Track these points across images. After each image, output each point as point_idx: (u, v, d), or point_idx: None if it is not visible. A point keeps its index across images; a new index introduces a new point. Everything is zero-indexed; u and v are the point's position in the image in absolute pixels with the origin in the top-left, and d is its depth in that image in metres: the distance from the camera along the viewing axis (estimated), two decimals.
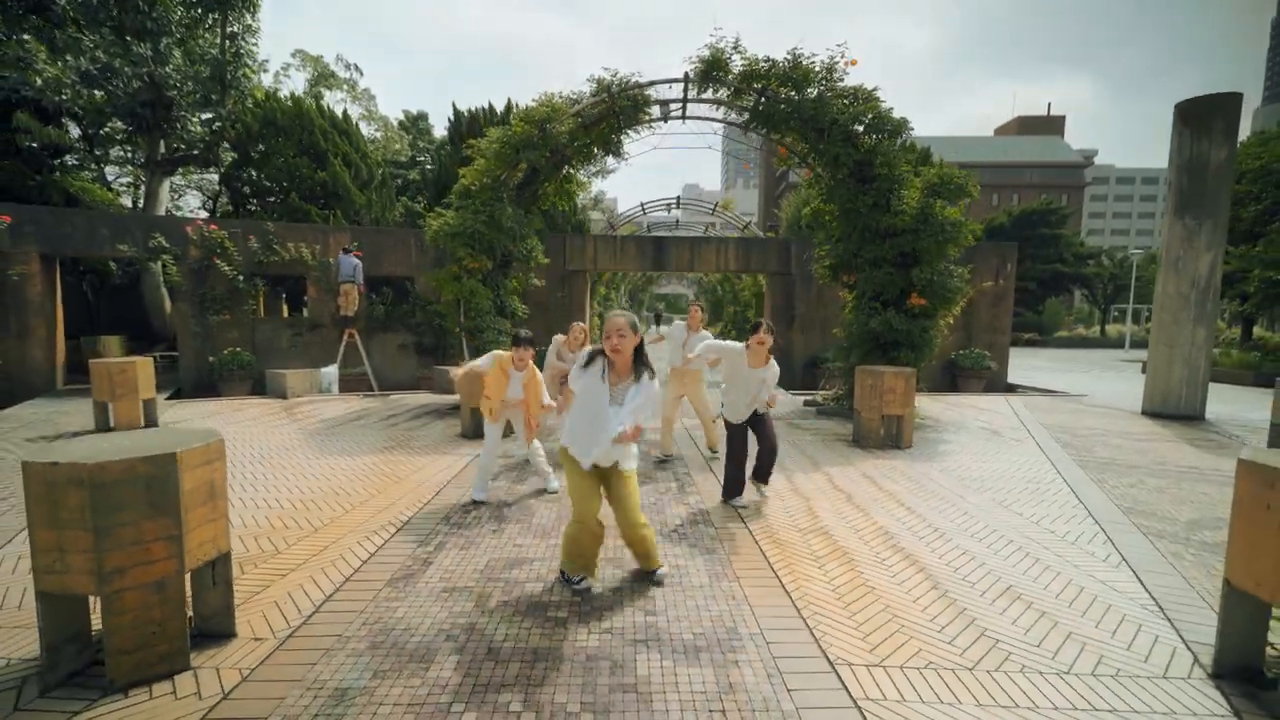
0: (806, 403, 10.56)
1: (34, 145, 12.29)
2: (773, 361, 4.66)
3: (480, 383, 5.23)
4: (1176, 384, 9.89)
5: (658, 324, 48.75)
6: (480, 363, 4.90)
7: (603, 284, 23.02)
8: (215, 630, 2.81)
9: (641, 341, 3.22)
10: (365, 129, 26.04)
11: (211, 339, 12.00)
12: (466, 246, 8.63)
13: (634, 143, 10.18)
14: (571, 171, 10.55)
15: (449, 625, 2.92)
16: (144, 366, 7.74)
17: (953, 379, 14.74)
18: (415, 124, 28.79)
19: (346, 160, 15.42)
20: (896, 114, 8.48)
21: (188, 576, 2.59)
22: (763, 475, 4.93)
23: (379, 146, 26.03)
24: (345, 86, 22.83)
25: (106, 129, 18.90)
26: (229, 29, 15.09)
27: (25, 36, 12.34)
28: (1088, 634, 2.99)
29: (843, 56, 8.39)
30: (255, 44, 15.53)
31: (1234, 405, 11.40)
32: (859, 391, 7.47)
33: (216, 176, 18.10)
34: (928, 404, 10.45)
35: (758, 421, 4.82)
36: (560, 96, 9.10)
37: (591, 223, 25.67)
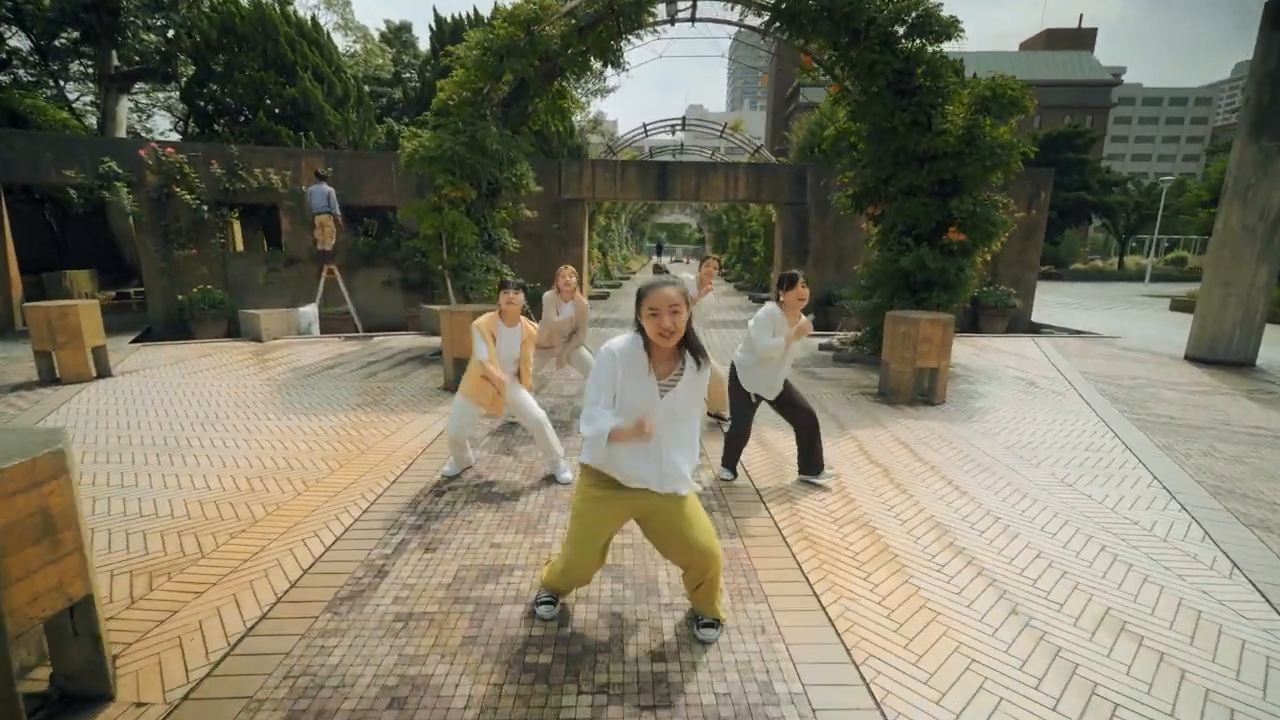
0: (822, 346, 9.73)
1: None
2: (804, 318, 3.85)
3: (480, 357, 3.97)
4: (1229, 327, 9.03)
5: (659, 254, 47.19)
6: (480, 351, 3.86)
7: (602, 214, 21.70)
8: (84, 692, 2.13)
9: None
10: (341, 40, 23.87)
11: (180, 275, 11.07)
12: (446, 173, 7.57)
13: (635, 50, 8.84)
14: (565, 86, 9.26)
15: (395, 679, 2.24)
16: (88, 310, 6.90)
17: (974, 318, 13.84)
18: (398, 36, 26.45)
19: (318, 74, 13.90)
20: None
21: (13, 643, 1.87)
22: (814, 462, 4.10)
23: (358, 61, 23.99)
24: None
25: (61, 40, 17.17)
26: None
27: None
28: (1232, 692, 2.30)
29: None
30: None
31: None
32: (889, 341, 6.64)
33: (179, 95, 16.54)
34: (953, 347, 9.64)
35: (790, 396, 4.04)
36: None
37: (590, 146, 23.97)
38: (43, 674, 2.16)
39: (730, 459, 4.21)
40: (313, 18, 14.81)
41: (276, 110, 13.56)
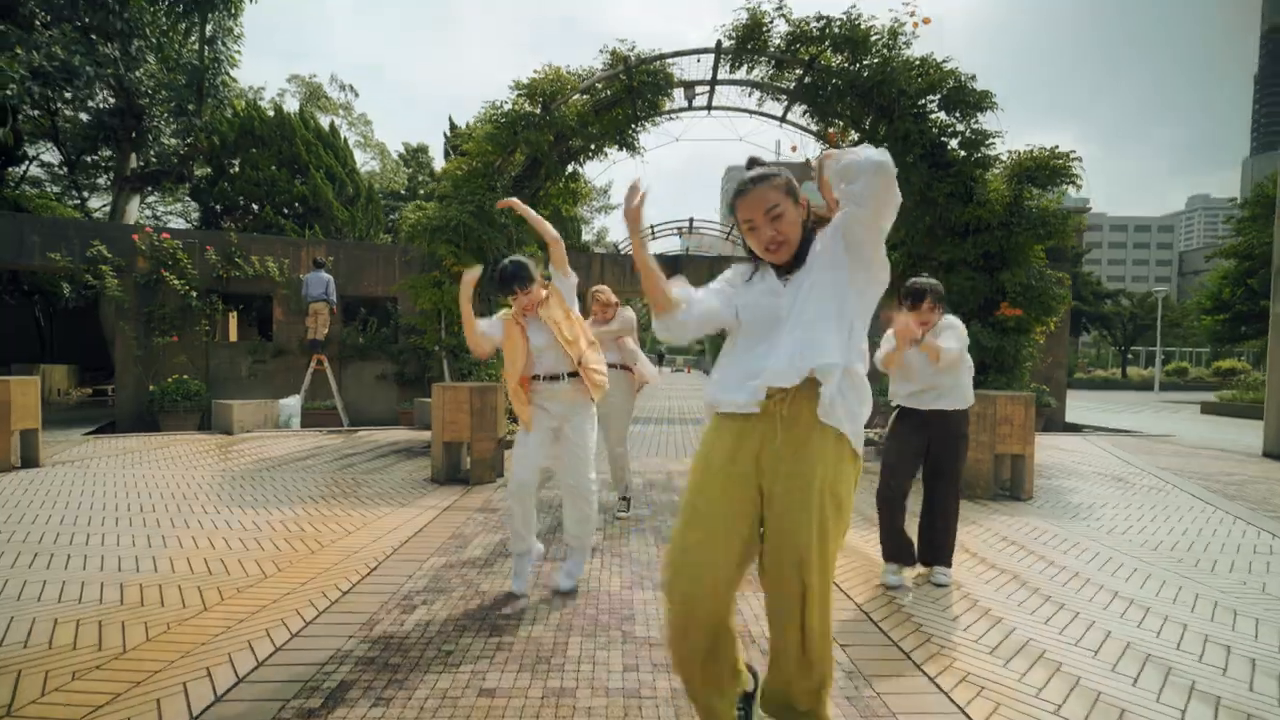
0: (865, 442, 8.70)
1: None
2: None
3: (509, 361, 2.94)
4: None
5: (660, 364, 46.90)
6: (485, 325, 2.88)
7: None
8: None
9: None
10: (360, 157, 24.99)
11: (156, 364, 10.24)
12: (450, 244, 6.97)
13: (649, 134, 8.66)
14: (579, 169, 9.02)
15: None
16: (22, 387, 5.95)
17: None
18: (415, 157, 27.79)
19: (330, 174, 14.02)
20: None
21: None
22: (941, 553, 3.22)
23: (375, 177, 24.93)
24: (339, 110, 21.75)
25: (93, 156, 17.67)
26: (208, 33, 13.92)
27: None
28: None
29: (911, 15, 6.94)
30: (237, 50, 14.35)
31: None
32: None
33: (189, 193, 16.75)
34: None
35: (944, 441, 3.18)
36: (568, 70, 7.62)
37: (594, 257, 24.25)
38: None
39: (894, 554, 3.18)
40: (331, 124, 15.27)
41: (285, 205, 13.48)
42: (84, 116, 15.44)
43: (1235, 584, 3.29)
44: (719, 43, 7.44)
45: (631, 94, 7.83)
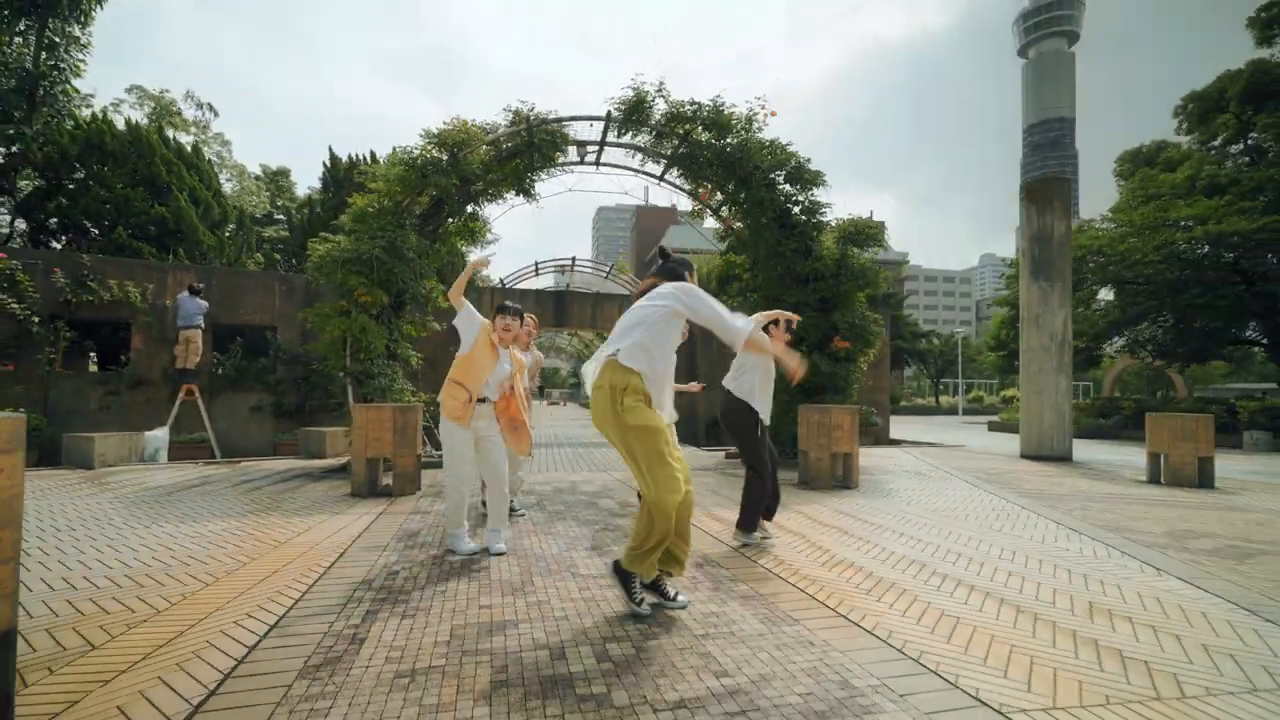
0: (728, 455, 10.12)
1: None
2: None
3: (463, 366, 3.71)
4: (1049, 428, 10.79)
5: (540, 396, 46.98)
6: (470, 307, 3.70)
7: None
8: None
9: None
10: (219, 177, 23.23)
11: None
12: (359, 275, 7.35)
13: (544, 183, 9.65)
14: (478, 210, 9.72)
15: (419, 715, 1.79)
16: None
17: None
18: (275, 180, 26.30)
19: (194, 196, 13.24)
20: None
21: None
22: (771, 512, 4.31)
23: (234, 198, 23.29)
24: (194, 129, 20.24)
25: None
26: (47, 38, 12.73)
27: None
28: (1222, 644, 2.54)
29: (763, 108, 8.67)
30: (82, 60, 13.23)
31: (1084, 451, 12.71)
32: (804, 430, 7.11)
33: (6, 214, 14.79)
34: None
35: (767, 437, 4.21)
36: (475, 123, 8.42)
37: (483, 290, 24.43)
38: None
39: (756, 518, 4.06)
40: (194, 144, 14.38)
41: (140, 227, 12.51)
42: None
43: (975, 527, 4.82)
44: (609, 112, 8.67)
45: (531, 148, 8.79)
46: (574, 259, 17.29)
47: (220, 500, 5.65)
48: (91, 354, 13.58)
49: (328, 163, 15.77)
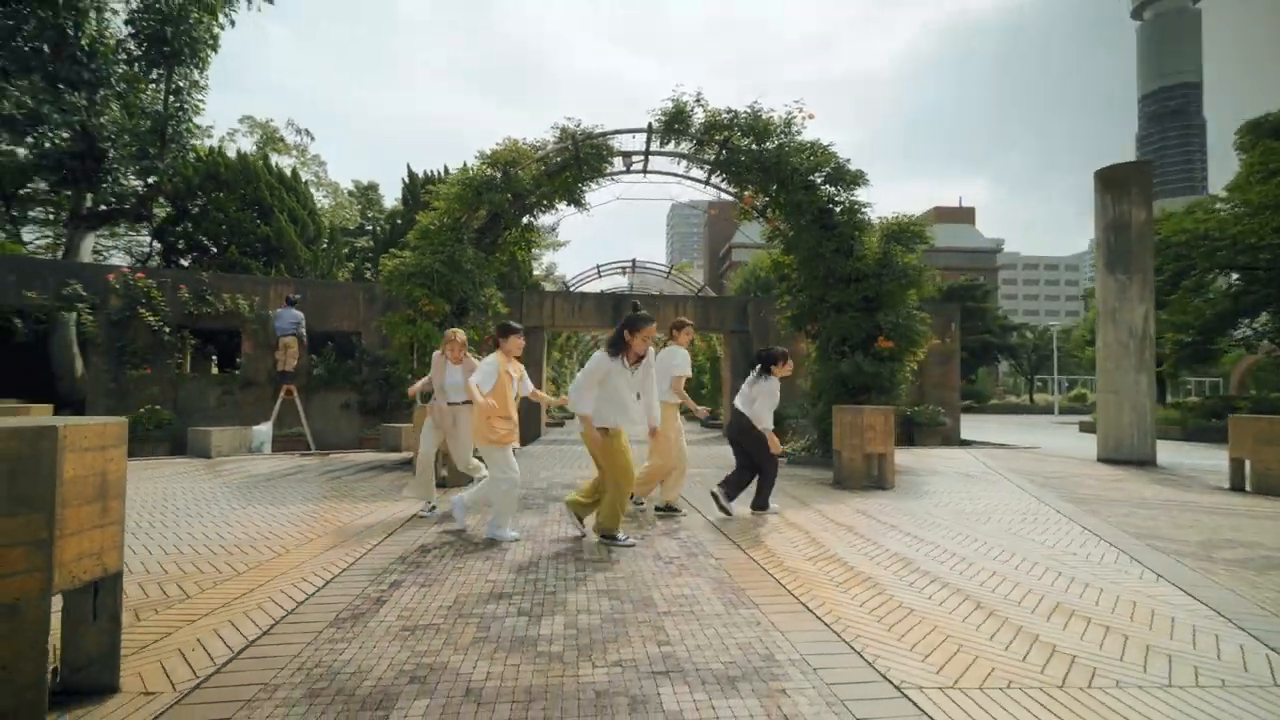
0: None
1: None
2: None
3: (498, 402, 4.21)
4: (1127, 429, 10.14)
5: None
6: (482, 383, 4.07)
7: (556, 348, 22.64)
8: (90, 684, 2.07)
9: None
10: (316, 194, 25.61)
11: (129, 396, 10.77)
12: (423, 287, 8.15)
13: (595, 193, 10.17)
14: (533, 221, 10.39)
15: (412, 665, 2.28)
16: (42, 416, 6.70)
17: (909, 435, 14.83)
18: (365, 194, 28.59)
19: (293, 216, 14.86)
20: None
21: (56, 601, 1.91)
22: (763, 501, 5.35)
23: (328, 213, 25.56)
24: (294, 151, 22.55)
25: (28, 189, 17.79)
26: (174, 84, 14.69)
27: None
28: (1167, 646, 2.62)
29: (800, 110, 8.75)
30: (201, 100, 15.14)
31: (1175, 455, 11.79)
32: (838, 431, 7.21)
33: (148, 236, 17.12)
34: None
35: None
36: (525, 142, 9.05)
37: (546, 295, 25.56)
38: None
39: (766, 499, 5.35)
40: (293, 168, 16.12)
41: (249, 245, 14.21)
42: (20, 151, 15.67)
43: (992, 529, 4.84)
44: (650, 124, 9.05)
45: (578, 161, 9.31)
46: (634, 261, 17.79)
47: (306, 487, 6.54)
48: (214, 358, 15.53)
49: (406, 179, 17.10)
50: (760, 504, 5.36)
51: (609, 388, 4.05)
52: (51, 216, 19.15)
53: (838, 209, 8.72)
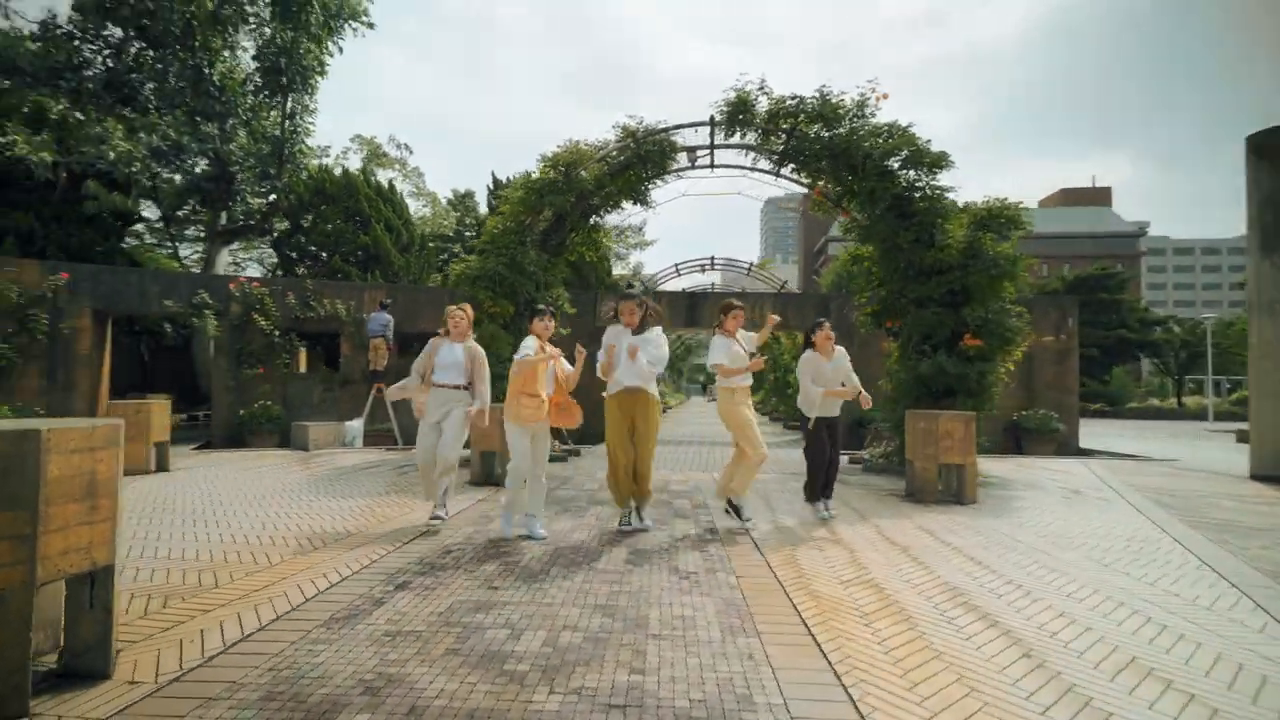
0: (852, 460, 9.61)
1: (102, 212, 13.15)
2: (839, 348, 5.36)
3: (525, 378, 4.30)
4: None
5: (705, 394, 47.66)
6: (529, 351, 4.24)
7: None
8: (86, 669, 2.23)
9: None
10: (414, 205, 27.42)
11: (245, 393, 12.01)
12: (487, 290, 8.39)
13: (660, 190, 10.01)
14: (599, 221, 10.41)
15: (373, 675, 2.26)
16: (159, 409, 7.58)
17: (1017, 442, 13.42)
18: (463, 201, 30.17)
19: (389, 225, 15.97)
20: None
21: (39, 591, 2.05)
22: (828, 491, 5.35)
23: (427, 221, 27.22)
24: (396, 165, 24.32)
25: (184, 210, 20.44)
26: (288, 109, 16.23)
27: (107, 120, 13.47)
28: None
29: (873, 91, 8.11)
30: (312, 122, 16.66)
31: None
32: (911, 438, 6.60)
33: (270, 248, 19.07)
34: (992, 464, 9.35)
35: (830, 427, 5.30)
36: (586, 143, 9.07)
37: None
38: (51, 658, 2.28)
39: (813, 492, 5.36)
40: (390, 181, 17.36)
41: (349, 254, 15.43)
42: (177, 178, 17.95)
43: (1079, 558, 4.18)
44: (712, 117, 8.77)
45: (641, 159, 9.20)
46: (713, 258, 17.45)
47: (375, 481, 6.92)
48: (323, 359, 17.03)
49: (490, 186, 17.84)
50: (808, 495, 5.42)
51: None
52: (200, 234, 21.88)
53: (917, 195, 7.99)
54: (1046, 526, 5.13)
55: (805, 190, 9.82)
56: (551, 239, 9.53)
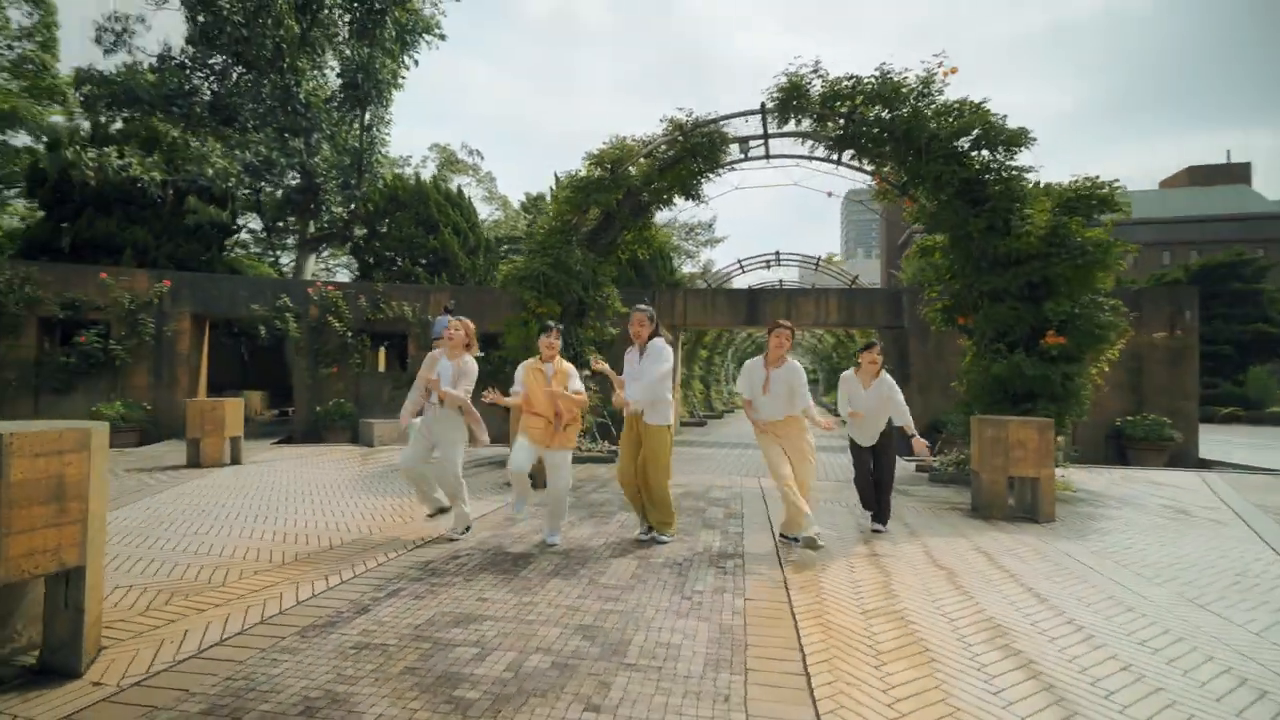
0: (919, 468, 8.90)
1: (203, 225, 14.39)
2: (884, 374, 4.91)
3: (526, 400, 4.32)
4: None
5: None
6: (516, 389, 4.37)
7: (704, 346, 22.32)
8: (60, 667, 2.29)
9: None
10: (486, 209, 28.34)
11: (321, 391, 12.75)
12: (532, 290, 8.39)
13: (713, 184, 9.66)
14: (650, 218, 10.20)
15: (320, 692, 2.17)
16: (233, 406, 8.11)
17: (1120, 451, 12.02)
18: (534, 204, 30.88)
19: (456, 229, 16.51)
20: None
21: (10, 591, 2.10)
22: (880, 513, 4.92)
23: (499, 225, 28.05)
24: (469, 171, 25.22)
25: (283, 221, 22.17)
26: (366, 121, 17.14)
27: (209, 140, 14.73)
28: None
29: (940, 66, 7.41)
30: (388, 133, 17.52)
31: None
32: (976, 447, 5.96)
33: (348, 250, 20.25)
34: (1086, 476, 8.39)
35: (882, 449, 4.92)
36: (633, 139, 8.89)
37: (678, 293, 25.42)
38: (34, 655, 2.36)
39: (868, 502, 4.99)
40: (459, 186, 18.00)
41: (420, 258, 16.08)
42: (279, 192, 19.45)
43: (1167, 594, 3.55)
44: (763, 104, 8.33)
45: (690, 152, 8.90)
46: (778, 253, 16.81)
47: None
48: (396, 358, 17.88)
49: (553, 186, 18.05)
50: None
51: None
52: (295, 243, 23.63)
53: (989, 178, 7.23)
54: (1134, 553, 4.44)
55: (870, 180, 9.17)
56: (600, 238, 9.42)
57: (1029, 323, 7.12)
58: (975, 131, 7.21)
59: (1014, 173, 7.15)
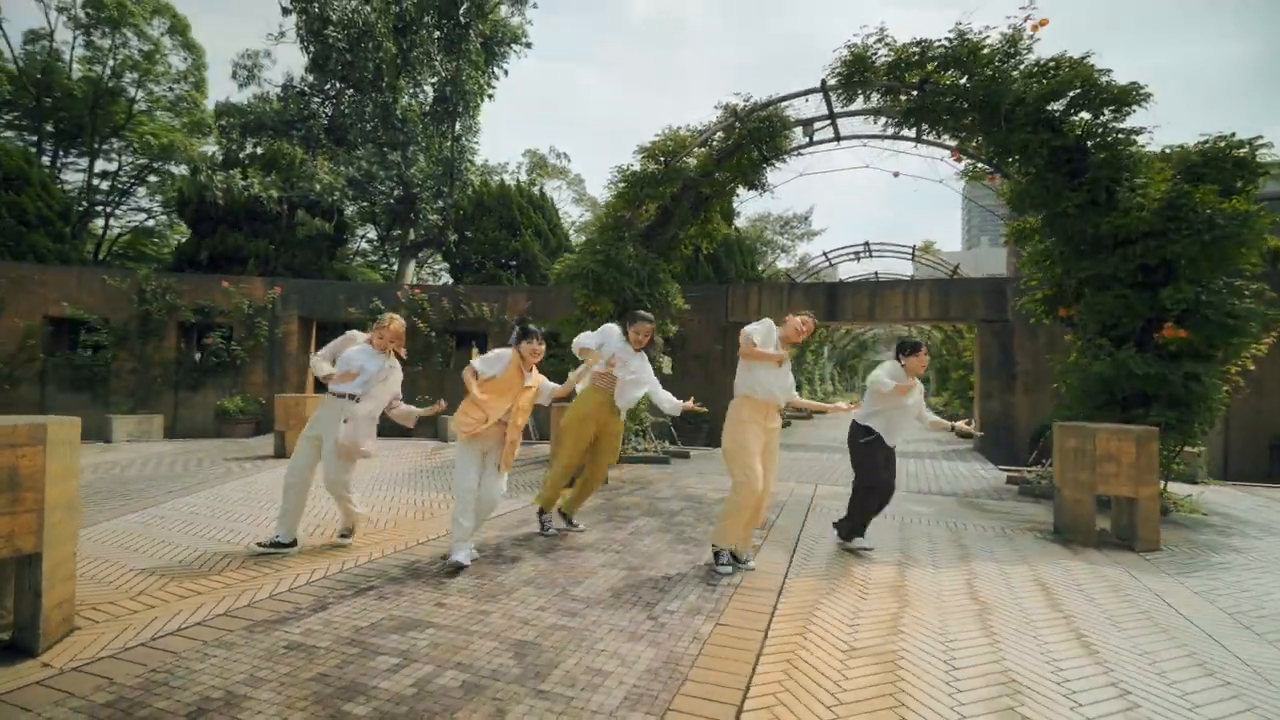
0: (1010, 479, 7.87)
1: (314, 235, 15.85)
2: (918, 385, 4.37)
3: (492, 389, 3.73)
4: None
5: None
6: (490, 370, 3.74)
7: (792, 344, 21.34)
8: (23, 644, 2.46)
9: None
10: (576, 210, 28.94)
11: (408, 389, 13.58)
12: (583, 288, 8.35)
13: (778, 172, 9.10)
14: (714, 212, 9.82)
15: (221, 694, 2.16)
16: (314, 402, 8.78)
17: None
18: None
19: (537, 231, 16.93)
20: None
21: None
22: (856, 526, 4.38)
23: (589, 225, 28.56)
24: (559, 174, 25.93)
25: (396, 230, 24.02)
26: (456, 132, 18.04)
27: (320, 158, 16.18)
28: None
29: (1027, 19, 6.44)
30: (477, 142, 18.31)
31: None
32: (1059, 459, 5.11)
33: (441, 254, 21.45)
34: (1232, 496, 7.03)
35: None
36: (686, 128, 8.57)
37: (751, 288, 24.40)
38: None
39: (853, 528, 4.33)
40: (541, 190, 18.53)
41: (504, 260, 16.69)
42: (390, 202, 21.00)
43: (1274, 654, 2.76)
44: (823, 81, 7.70)
45: (750, 139, 8.44)
46: (867, 244, 15.67)
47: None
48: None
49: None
50: (843, 532, 4.38)
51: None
52: (397, 250, 25.49)
53: (1091, 144, 6.18)
54: (1252, 598, 3.54)
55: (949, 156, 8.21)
56: (658, 234, 9.20)
57: (1141, 313, 6.03)
58: (1073, 92, 6.19)
59: (1120, 136, 6.06)
